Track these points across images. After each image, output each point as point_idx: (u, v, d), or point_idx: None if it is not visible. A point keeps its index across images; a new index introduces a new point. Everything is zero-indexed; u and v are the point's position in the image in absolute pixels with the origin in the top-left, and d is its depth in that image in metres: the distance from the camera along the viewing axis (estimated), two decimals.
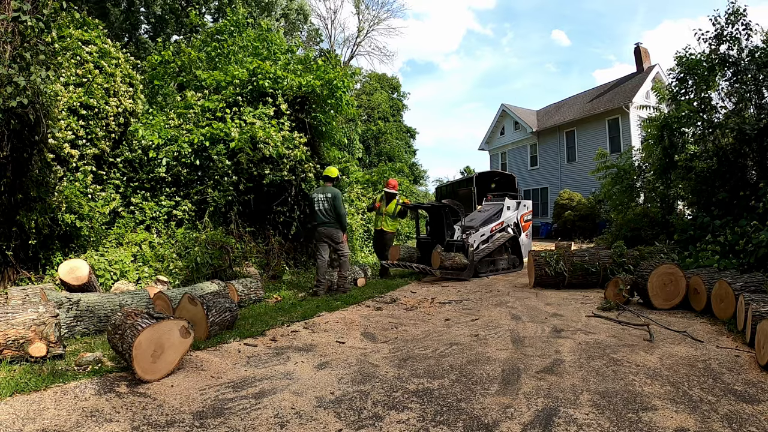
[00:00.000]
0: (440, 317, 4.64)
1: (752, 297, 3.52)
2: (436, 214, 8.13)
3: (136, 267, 5.62)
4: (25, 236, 4.78)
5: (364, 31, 32.58)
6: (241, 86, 7.63)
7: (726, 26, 7.03)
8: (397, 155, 30.82)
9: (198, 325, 3.59)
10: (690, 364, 3.01)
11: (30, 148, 4.51)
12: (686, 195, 8.64)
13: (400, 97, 35.14)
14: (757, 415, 2.23)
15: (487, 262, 8.02)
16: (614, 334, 3.81)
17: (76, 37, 6.20)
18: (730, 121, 6.88)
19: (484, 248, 8.08)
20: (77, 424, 2.16)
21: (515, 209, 9.26)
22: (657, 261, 5.12)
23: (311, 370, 3.02)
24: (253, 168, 6.99)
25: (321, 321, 4.44)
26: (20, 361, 2.87)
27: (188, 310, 3.73)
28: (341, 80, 7.91)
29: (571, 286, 6.26)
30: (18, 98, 3.94)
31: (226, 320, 3.94)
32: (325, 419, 2.26)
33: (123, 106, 6.50)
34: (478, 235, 8.09)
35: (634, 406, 2.35)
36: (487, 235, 8.38)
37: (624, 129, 19.16)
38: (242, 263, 6.68)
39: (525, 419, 2.23)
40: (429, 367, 3.04)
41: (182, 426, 2.18)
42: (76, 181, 5.77)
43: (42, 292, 3.30)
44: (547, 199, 23.34)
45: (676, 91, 7.98)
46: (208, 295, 4.12)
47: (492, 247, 8.14)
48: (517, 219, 9.21)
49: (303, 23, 26.12)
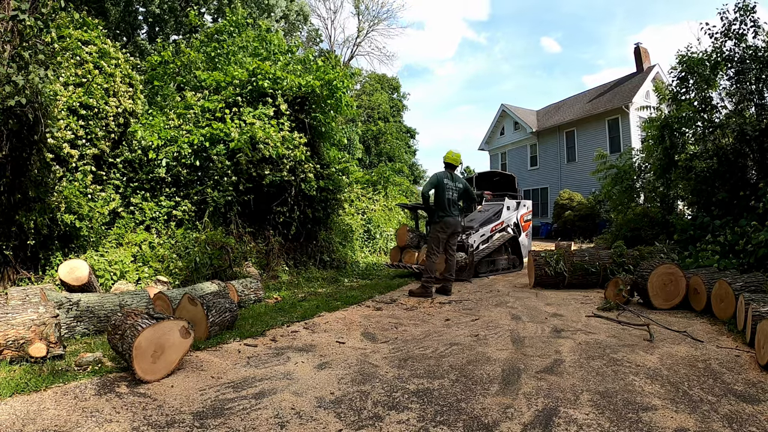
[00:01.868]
0: (440, 317, 4.64)
1: (752, 297, 3.52)
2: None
3: (136, 267, 5.62)
4: (25, 236, 4.78)
5: (363, 31, 32.61)
6: (240, 86, 7.63)
7: (734, 22, 7.01)
8: (397, 155, 30.83)
9: (198, 325, 3.59)
10: (690, 364, 3.01)
11: (29, 147, 4.51)
12: (686, 195, 8.64)
13: (400, 98, 35.16)
14: (757, 415, 2.23)
15: (486, 262, 8.01)
16: (614, 334, 3.81)
17: (75, 37, 6.19)
18: (731, 121, 6.88)
19: (484, 248, 8.04)
20: (77, 424, 2.16)
21: (515, 209, 9.20)
22: (657, 261, 5.12)
23: (311, 370, 3.01)
24: (253, 169, 6.99)
25: (321, 321, 4.44)
26: (20, 362, 2.87)
27: (188, 310, 3.73)
28: (341, 80, 7.91)
29: (571, 286, 6.26)
30: (17, 97, 3.93)
31: (227, 320, 3.94)
32: (325, 419, 2.26)
33: (123, 106, 6.50)
34: (477, 236, 8.04)
35: (634, 406, 2.34)
36: (487, 235, 8.33)
37: (624, 129, 19.17)
38: (242, 263, 6.67)
39: (525, 419, 2.23)
40: (429, 367, 3.04)
41: (182, 426, 2.18)
42: (75, 181, 5.76)
43: (42, 292, 3.29)
44: (547, 199, 23.36)
45: (677, 91, 7.98)
46: (208, 296, 4.12)
47: (492, 247, 8.10)
48: (517, 219, 9.16)
49: (303, 24, 26.12)
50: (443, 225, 5.86)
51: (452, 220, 5.89)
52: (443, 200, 5.86)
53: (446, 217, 5.86)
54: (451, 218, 5.88)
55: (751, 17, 6.87)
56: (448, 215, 5.87)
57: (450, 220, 5.88)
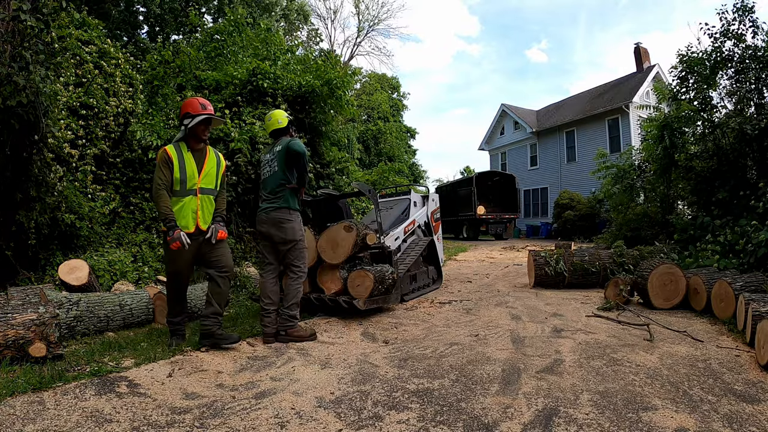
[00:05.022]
0: (440, 317, 4.63)
1: (752, 297, 3.52)
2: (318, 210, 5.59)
3: (136, 267, 5.62)
4: (25, 236, 4.78)
5: (364, 31, 32.61)
6: (240, 86, 7.63)
7: (733, 22, 7.02)
8: (397, 155, 30.83)
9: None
10: (690, 363, 3.01)
11: (29, 147, 4.51)
12: (686, 195, 8.64)
13: (400, 97, 35.16)
14: (757, 414, 2.23)
15: (408, 277, 5.73)
16: (614, 334, 3.81)
17: (75, 37, 6.20)
18: (731, 120, 6.88)
19: (402, 257, 5.81)
20: (77, 424, 2.16)
21: (422, 205, 6.82)
22: (657, 261, 5.12)
23: (311, 370, 3.02)
24: (252, 170, 6.99)
25: (321, 321, 4.44)
26: (20, 362, 2.87)
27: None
28: (341, 80, 7.91)
29: (571, 286, 6.26)
30: (17, 98, 3.94)
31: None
32: (325, 419, 2.26)
33: (123, 106, 6.50)
34: (391, 239, 5.75)
35: (634, 406, 2.34)
36: (401, 238, 6.05)
37: (624, 129, 19.17)
38: (242, 263, 6.67)
39: (525, 419, 2.23)
40: (429, 367, 3.04)
41: (182, 426, 2.18)
42: (76, 181, 5.76)
43: (42, 292, 3.29)
44: (547, 199, 23.36)
45: (677, 90, 7.98)
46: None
47: (412, 256, 5.87)
48: (427, 217, 6.81)
49: (303, 23, 26.13)
50: (258, 226, 3.88)
51: (265, 217, 3.73)
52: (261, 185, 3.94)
53: (259, 213, 3.83)
54: (263, 214, 3.76)
55: (750, 17, 6.88)
56: (261, 209, 3.81)
57: (262, 217, 3.76)
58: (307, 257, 3.92)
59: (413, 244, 6.18)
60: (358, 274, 4.44)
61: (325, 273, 4.60)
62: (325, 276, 4.59)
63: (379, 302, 4.62)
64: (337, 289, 4.51)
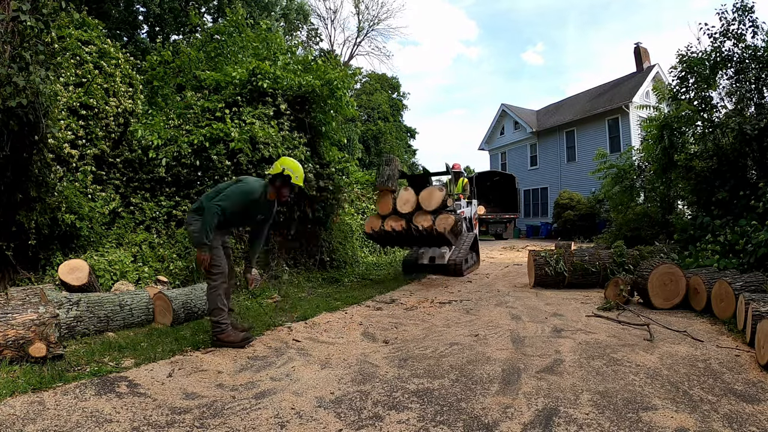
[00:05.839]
0: (440, 317, 4.64)
1: (752, 297, 3.52)
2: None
3: (136, 267, 5.61)
4: (25, 236, 4.78)
5: (363, 31, 32.61)
6: (240, 86, 7.62)
7: (732, 22, 7.02)
8: (396, 155, 30.82)
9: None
10: (690, 363, 3.01)
11: (30, 148, 4.51)
12: (686, 195, 8.63)
13: (399, 97, 35.16)
14: (757, 414, 2.23)
15: (464, 260, 8.07)
16: (614, 334, 3.81)
17: (75, 37, 6.19)
18: (730, 120, 6.88)
19: (460, 245, 7.86)
20: (77, 424, 2.16)
21: (467, 206, 9.10)
22: (657, 261, 5.12)
23: (311, 370, 3.02)
24: (253, 169, 6.98)
25: (321, 321, 4.44)
26: (20, 362, 2.87)
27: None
28: (341, 80, 7.90)
29: (571, 286, 6.26)
30: (17, 98, 3.93)
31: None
32: (325, 419, 2.26)
33: (123, 106, 6.49)
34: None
35: (634, 406, 2.34)
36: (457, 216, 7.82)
37: (624, 129, 19.17)
38: (242, 263, 6.66)
39: (525, 419, 2.23)
40: (429, 367, 3.04)
41: (182, 426, 2.18)
42: (76, 181, 5.76)
43: (42, 292, 3.29)
44: (547, 199, 23.35)
45: (677, 90, 7.98)
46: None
47: (466, 246, 7.98)
48: (471, 215, 8.98)
49: (303, 23, 26.13)
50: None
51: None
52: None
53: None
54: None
55: (750, 17, 6.88)
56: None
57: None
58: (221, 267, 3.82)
59: (466, 238, 8.32)
60: (444, 215, 6.70)
61: (421, 216, 6.81)
62: (420, 218, 6.78)
63: (453, 240, 7.00)
64: (428, 225, 6.61)
